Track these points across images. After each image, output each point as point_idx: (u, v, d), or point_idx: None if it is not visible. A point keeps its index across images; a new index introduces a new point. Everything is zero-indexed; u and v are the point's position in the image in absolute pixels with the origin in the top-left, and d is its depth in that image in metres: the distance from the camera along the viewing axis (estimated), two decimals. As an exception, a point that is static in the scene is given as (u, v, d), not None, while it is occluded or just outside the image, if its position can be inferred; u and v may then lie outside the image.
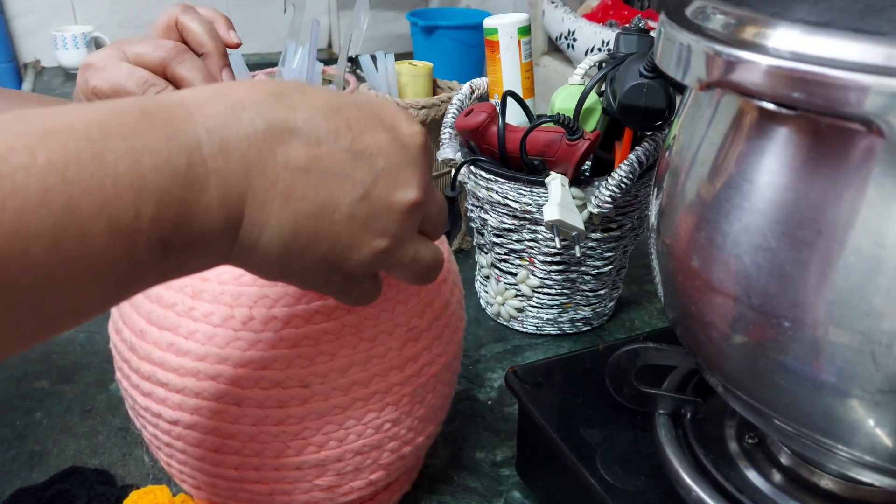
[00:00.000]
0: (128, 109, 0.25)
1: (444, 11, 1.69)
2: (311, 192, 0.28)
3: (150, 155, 0.24)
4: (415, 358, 0.41)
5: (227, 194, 0.26)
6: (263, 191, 0.27)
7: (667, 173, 0.36)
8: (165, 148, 0.25)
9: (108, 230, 0.23)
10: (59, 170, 0.22)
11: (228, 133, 0.26)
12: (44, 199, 0.22)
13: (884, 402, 0.28)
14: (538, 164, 0.60)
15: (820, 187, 0.27)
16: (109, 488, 0.49)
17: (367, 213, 0.29)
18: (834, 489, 0.38)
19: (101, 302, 0.26)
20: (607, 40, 1.15)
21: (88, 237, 0.23)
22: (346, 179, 0.29)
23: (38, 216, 0.21)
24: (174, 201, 0.25)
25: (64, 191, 0.22)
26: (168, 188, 0.25)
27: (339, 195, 0.29)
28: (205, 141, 0.26)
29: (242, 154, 0.27)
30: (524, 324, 0.69)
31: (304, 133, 0.28)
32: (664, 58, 0.32)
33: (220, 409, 0.38)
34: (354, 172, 0.29)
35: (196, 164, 0.25)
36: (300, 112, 0.28)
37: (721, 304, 0.32)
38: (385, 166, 0.30)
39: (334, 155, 0.28)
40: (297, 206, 0.28)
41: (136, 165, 0.24)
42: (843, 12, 0.26)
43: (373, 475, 0.42)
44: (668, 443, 0.41)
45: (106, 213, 0.23)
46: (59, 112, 0.24)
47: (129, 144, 0.24)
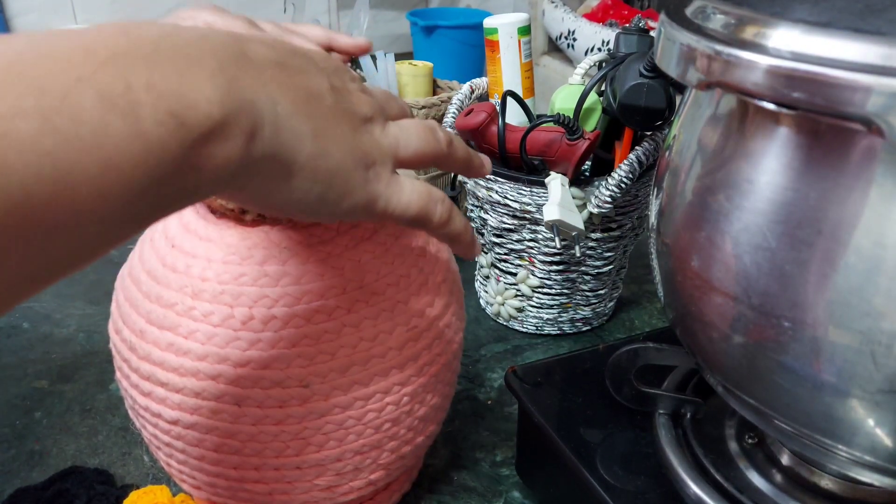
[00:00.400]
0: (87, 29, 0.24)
1: (444, 11, 1.69)
2: (294, 81, 0.28)
3: (121, 38, 0.23)
4: (415, 358, 0.41)
5: (227, 68, 0.25)
6: (259, 74, 0.27)
7: (667, 173, 0.36)
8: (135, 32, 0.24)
9: (99, 102, 0.21)
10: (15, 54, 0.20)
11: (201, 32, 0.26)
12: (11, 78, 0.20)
13: (884, 402, 0.28)
14: (538, 163, 0.60)
15: (820, 187, 0.27)
16: (109, 488, 0.49)
17: (339, 99, 0.30)
18: (834, 489, 0.38)
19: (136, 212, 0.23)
20: (607, 40, 1.15)
21: (79, 112, 0.20)
22: (310, 73, 0.29)
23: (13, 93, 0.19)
24: (169, 74, 0.23)
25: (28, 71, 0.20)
26: (155, 59, 0.23)
27: (314, 84, 0.29)
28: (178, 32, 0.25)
29: (224, 44, 0.26)
30: (524, 324, 0.69)
31: (259, 40, 0.28)
32: (664, 58, 0.32)
33: (220, 409, 0.38)
34: (309, 66, 0.29)
35: (179, 44, 0.24)
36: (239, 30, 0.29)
37: (721, 304, 0.32)
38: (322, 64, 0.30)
39: (288, 55, 0.29)
40: (296, 92, 0.28)
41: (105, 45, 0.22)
42: (843, 12, 0.26)
43: (372, 475, 0.42)
44: (668, 443, 0.41)
45: (89, 85, 0.21)
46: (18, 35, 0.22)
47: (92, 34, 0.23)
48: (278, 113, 0.27)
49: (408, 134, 0.32)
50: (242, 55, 0.26)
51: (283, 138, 0.27)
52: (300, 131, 0.28)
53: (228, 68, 0.25)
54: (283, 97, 0.27)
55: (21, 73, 0.20)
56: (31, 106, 0.20)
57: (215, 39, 0.26)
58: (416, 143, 0.33)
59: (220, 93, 0.24)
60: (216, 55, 0.25)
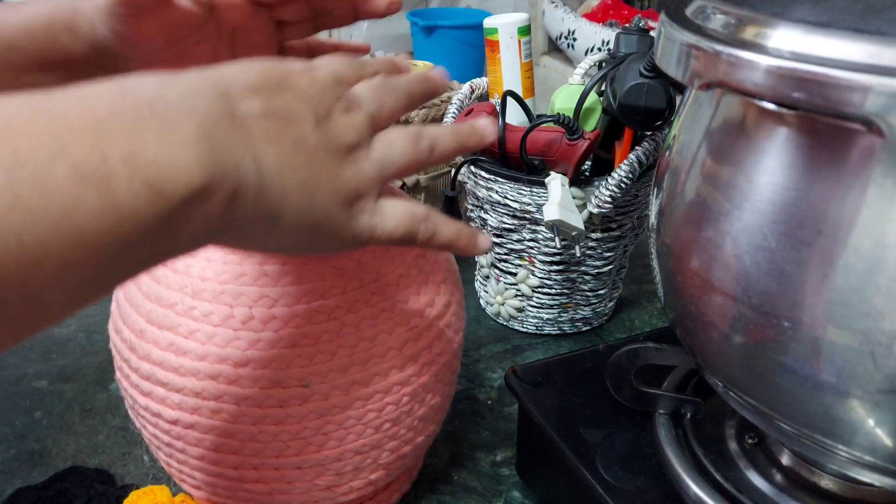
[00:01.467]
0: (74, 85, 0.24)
1: (444, 11, 1.69)
2: (280, 133, 0.28)
3: (105, 104, 0.23)
4: (415, 358, 0.41)
5: (211, 132, 0.25)
6: (245, 132, 0.27)
7: (667, 173, 0.36)
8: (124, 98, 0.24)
9: (72, 175, 0.21)
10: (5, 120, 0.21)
11: (182, 88, 0.26)
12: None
13: (884, 402, 0.28)
14: (538, 163, 0.60)
15: (820, 187, 0.27)
16: (109, 488, 0.49)
17: (324, 135, 0.30)
18: (834, 489, 0.38)
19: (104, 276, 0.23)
20: (607, 40, 1.15)
21: (51, 186, 0.21)
22: (296, 115, 0.29)
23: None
24: (148, 143, 0.23)
25: (7, 141, 0.20)
26: (135, 129, 0.23)
27: (300, 129, 0.29)
28: (163, 93, 0.25)
29: (206, 104, 0.26)
30: (524, 324, 0.69)
31: (243, 86, 0.28)
32: (664, 58, 0.32)
33: (220, 409, 0.38)
34: (296, 104, 0.30)
35: (161, 109, 0.24)
36: (228, 73, 0.28)
37: (721, 304, 0.32)
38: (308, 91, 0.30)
39: (274, 96, 0.29)
40: (282, 144, 0.28)
41: (89, 112, 0.23)
42: (843, 12, 0.26)
43: (372, 475, 0.42)
44: (668, 443, 0.41)
45: (65, 158, 0.21)
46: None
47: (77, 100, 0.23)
48: (262, 173, 0.27)
49: (392, 150, 0.33)
50: (230, 114, 0.27)
51: (267, 197, 0.28)
52: (284, 188, 0.28)
53: (215, 131, 0.26)
54: (268, 152, 0.28)
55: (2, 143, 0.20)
56: (3, 181, 0.20)
57: (205, 96, 0.26)
58: (401, 159, 0.33)
59: (201, 161, 0.24)
60: (203, 118, 0.25)
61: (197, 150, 0.24)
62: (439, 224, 0.34)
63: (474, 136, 0.36)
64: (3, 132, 0.21)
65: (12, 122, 0.21)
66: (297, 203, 0.29)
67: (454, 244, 0.35)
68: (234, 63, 0.29)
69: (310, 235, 0.30)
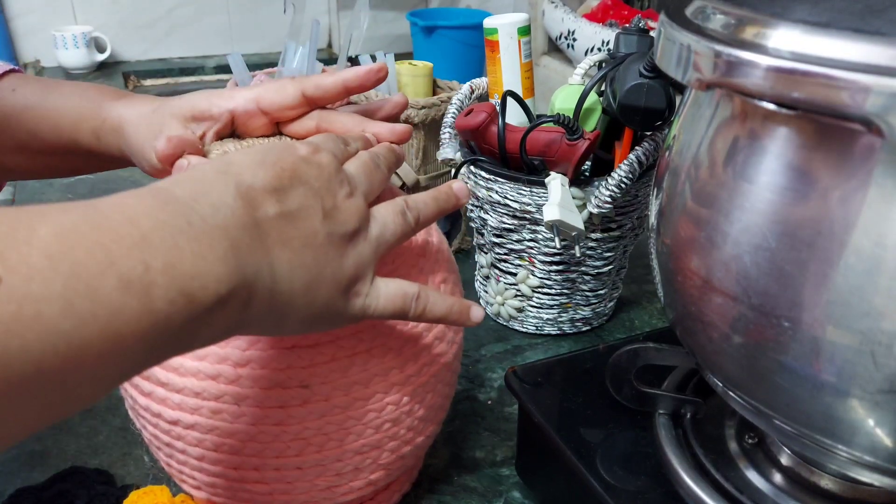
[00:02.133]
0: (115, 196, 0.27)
1: (444, 11, 1.69)
2: (293, 232, 0.31)
3: (147, 218, 0.26)
4: (415, 358, 0.41)
5: (237, 245, 0.28)
6: (263, 240, 0.30)
7: (667, 173, 0.36)
8: (163, 211, 0.27)
9: (119, 285, 0.24)
10: (59, 237, 0.23)
11: (211, 199, 0.29)
12: (49, 264, 0.22)
13: (884, 402, 0.28)
14: (538, 164, 0.60)
15: (820, 187, 0.27)
16: (109, 488, 0.49)
17: (329, 226, 0.33)
18: (834, 489, 0.38)
19: (128, 368, 0.26)
20: (607, 40, 1.15)
21: (100, 295, 0.23)
22: (307, 209, 0.32)
23: (45, 279, 0.22)
24: (186, 256, 0.26)
25: (67, 254, 0.23)
26: (175, 243, 0.26)
27: (310, 224, 0.32)
28: (195, 208, 0.28)
29: (232, 214, 0.29)
30: (524, 324, 0.69)
31: (261, 187, 0.31)
32: (664, 58, 0.32)
33: (220, 409, 0.38)
34: (307, 200, 0.32)
35: (196, 223, 0.27)
36: (247, 173, 0.31)
37: (721, 304, 0.32)
38: (316, 182, 0.33)
39: (288, 194, 0.32)
40: (292, 246, 0.31)
41: (135, 227, 0.25)
42: (843, 12, 0.26)
43: (372, 475, 0.42)
44: (668, 443, 0.41)
45: (114, 270, 0.24)
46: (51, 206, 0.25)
47: (123, 213, 0.26)
48: (276, 277, 0.30)
49: (386, 230, 0.36)
50: (252, 223, 0.30)
51: (277, 299, 0.31)
52: (293, 288, 0.31)
53: (240, 243, 0.29)
54: (281, 257, 0.31)
55: (61, 254, 0.23)
56: (59, 291, 0.22)
57: (231, 206, 0.29)
58: (394, 237, 0.36)
59: (228, 272, 0.28)
60: (231, 231, 0.29)
61: (226, 263, 0.28)
62: (430, 302, 0.37)
63: (451, 199, 0.40)
64: (65, 245, 0.23)
65: (70, 237, 0.24)
66: (303, 300, 0.32)
67: (445, 319, 0.38)
68: (245, 154, 0.32)
69: (311, 324, 0.33)
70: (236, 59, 0.62)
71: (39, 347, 0.22)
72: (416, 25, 1.50)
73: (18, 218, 0.23)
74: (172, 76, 1.65)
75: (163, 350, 0.27)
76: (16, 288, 0.21)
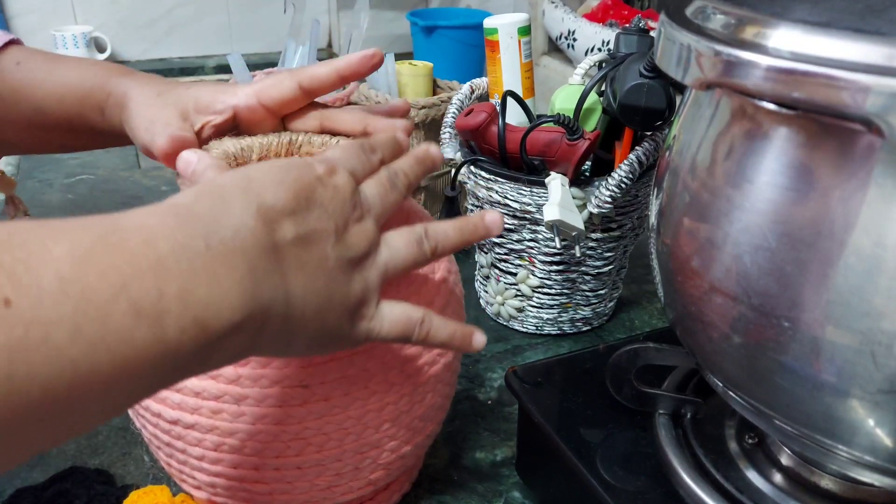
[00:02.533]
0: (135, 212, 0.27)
1: (444, 11, 1.69)
2: (307, 256, 0.31)
3: (165, 240, 0.25)
4: (415, 358, 0.41)
5: (255, 269, 0.28)
6: (281, 264, 0.29)
7: (667, 173, 0.36)
8: (182, 232, 0.26)
9: (131, 311, 0.23)
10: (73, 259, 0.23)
11: (235, 222, 0.28)
12: (60, 286, 0.22)
13: (884, 402, 0.28)
14: (538, 164, 0.60)
15: (820, 187, 0.27)
16: (109, 488, 0.49)
17: (340, 249, 0.32)
18: (834, 489, 0.38)
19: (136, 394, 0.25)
20: (607, 40, 1.15)
21: (111, 320, 0.23)
22: (321, 233, 0.31)
23: (55, 301, 0.22)
24: (202, 281, 0.25)
25: (79, 277, 0.22)
26: (192, 267, 0.25)
27: (322, 248, 0.31)
28: (215, 229, 0.27)
29: (252, 236, 0.28)
30: (524, 324, 0.69)
31: (280, 209, 0.30)
32: (664, 58, 0.32)
33: (220, 409, 0.38)
34: (322, 223, 0.32)
35: (215, 245, 0.27)
36: (268, 194, 0.30)
37: (721, 304, 0.32)
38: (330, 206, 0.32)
39: (305, 217, 0.31)
40: (307, 271, 0.30)
41: (152, 249, 0.25)
42: (843, 12, 0.26)
43: (372, 475, 0.42)
44: (668, 443, 0.41)
45: (126, 295, 0.23)
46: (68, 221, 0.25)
47: (141, 233, 0.25)
48: (290, 303, 0.30)
49: (396, 256, 0.35)
50: (271, 246, 0.29)
51: (289, 324, 0.30)
52: (305, 313, 0.31)
53: (258, 268, 0.28)
54: (296, 282, 0.30)
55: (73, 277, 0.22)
56: (68, 315, 0.22)
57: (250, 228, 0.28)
58: (404, 264, 0.35)
59: (244, 299, 0.27)
60: (249, 254, 0.28)
61: (242, 290, 0.27)
62: (434, 328, 0.36)
63: (478, 232, 0.38)
64: (78, 267, 0.23)
65: (85, 258, 0.23)
66: (314, 324, 0.31)
67: (449, 344, 0.37)
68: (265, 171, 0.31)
69: (319, 346, 0.33)
70: (236, 58, 0.62)
71: (46, 372, 0.21)
72: (416, 25, 1.50)
73: (36, 235, 0.23)
74: (172, 76, 1.65)
75: (172, 375, 0.26)
76: (24, 311, 0.21)
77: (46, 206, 0.92)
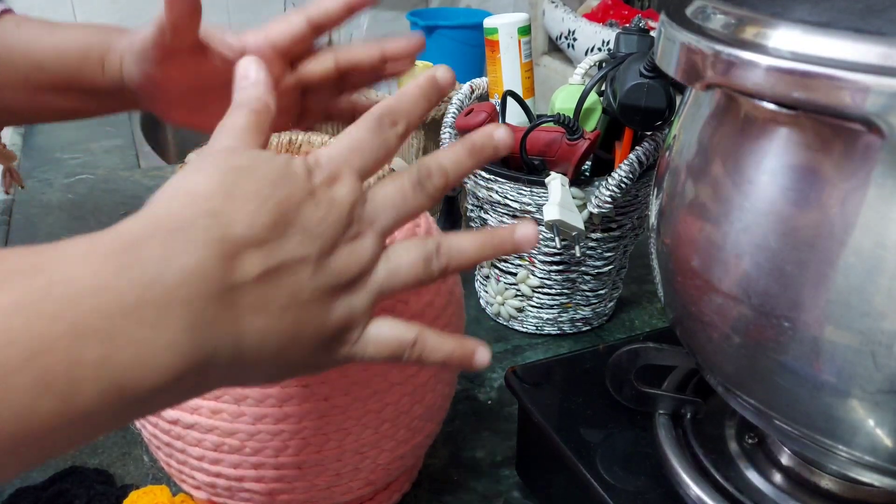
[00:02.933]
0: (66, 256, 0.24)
1: (444, 11, 1.69)
2: (274, 293, 0.27)
3: (91, 297, 0.23)
4: (415, 358, 0.41)
5: (197, 323, 0.25)
6: (234, 309, 0.26)
7: (667, 173, 0.36)
8: (117, 280, 0.23)
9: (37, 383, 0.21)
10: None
11: (186, 263, 0.25)
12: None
13: (884, 402, 0.28)
14: (538, 164, 0.60)
15: (820, 187, 0.27)
16: (109, 488, 0.49)
17: (326, 275, 0.29)
18: (834, 489, 0.37)
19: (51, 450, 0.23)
20: (607, 40, 1.15)
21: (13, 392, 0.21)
22: (298, 263, 0.28)
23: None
24: (126, 344, 0.23)
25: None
26: (116, 329, 0.23)
27: (296, 280, 0.28)
28: (159, 275, 0.24)
29: (205, 281, 0.25)
30: (524, 324, 0.68)
31: (251, 239, 0.27)
32: (664, 58, 0.32)
33: (220, 409, 0.38)
34: (301, 249, 0.28)
35: (151, 297, 0.24)
36: (239, 222, 0.27)
37: (721, 304, 0.32)
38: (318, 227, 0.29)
39: (281, 245, 0.28)
40: (270, 310, 0.27)
41: (72, 309, 0.22)
42: (843, 12, 0.26)
43: (372, 475, 0.42)
44: (668, 443, 0.41)
45: (35, 364, 0.21)
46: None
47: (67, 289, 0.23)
48: (240, 349, 0.27)
49: (396, 275, 0.31)
50: (226, 290, 0.26)
51: (238, 367, 0.27)
52: (261, 356, 0.28)
53: (202, 317, 0.25)
54: (252, 325, 0.27)
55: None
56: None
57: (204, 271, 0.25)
58: (403, 284, 0.31)
59: (176, 357, 0.24)
60: (195, 304, 0.25)
61: (175, 348, 0.24)
62: (428, 348, 0.32)
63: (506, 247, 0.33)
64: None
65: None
66: (272, 362, 0.29)
67: (447, 363, 0.33)
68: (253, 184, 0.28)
69: (281, 377, 0.31)
70: (236, 58, 0.62)
71: None
72: (417, 25, 1.50)
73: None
74: (172, 76, 1.65)
75: (93, 432, 0.25)
76: None
77: (46, 205, 0.92)
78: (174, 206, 0.27)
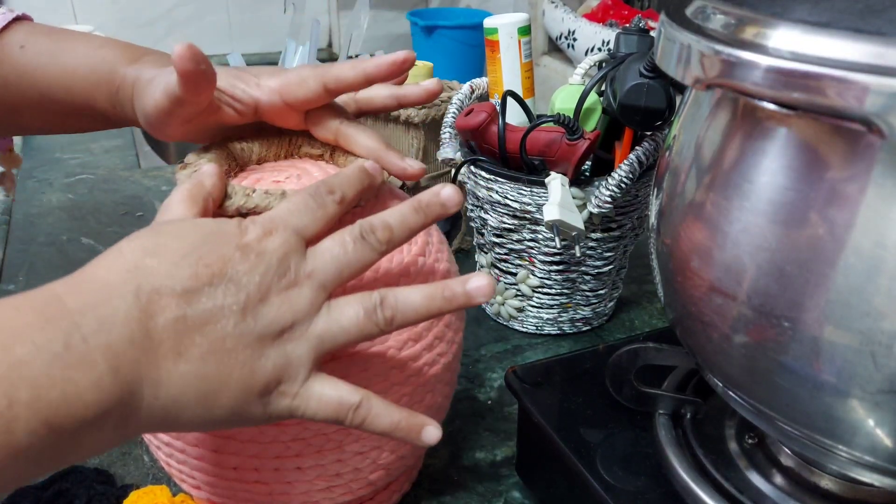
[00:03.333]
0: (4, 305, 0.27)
1: (444, 11, 1.69)
2: (195, 339, 0.29)
3: (23, 345, 0.26)
4: (415, 358, 0.41)
5: (118, 365, 0.27)
6: (153, 353, 0.29)
7: (667, 173, 0.36)
8: (42, 332, 0.26)
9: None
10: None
11: (103, 312, 0.28)
12: None
13: (884, 402, 0.28)
14: (538, 164, 0.60)
15: (820, 187, 0.27)
16: (109, 488, 0.49)
17: (255, 322, 0.30)
18: (834, 489, 0.38)
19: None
20: (607, 40, 1.15)
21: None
22: (220, 311, 0.30)
23: None
24: (55, 384, 0.26)
25: None
26: (46, 372, 0.26)
27: (220, 328, 0.30)
28: (81, 325, 0.27)
29: (123, 327, 0.28)
30: (524, 324, 0.69)
31: (170, 289, 0.29)
32: (664, 58, 0.32)
33: (220, 409, 0.38)
34: (225, 298, 0.30)
35: (75, 344, 0.27)
36: (157, 274, 0.29)
37: (721, 304, 0.32)
38: (246, 277, 0.30)
39: (203, 293, 0.30)
40: (190, 355, 0.29)
41: (7, 354, 0.25)
42: (843, 12, 0.26)
43: (372, 475, 0.42)
44: (668, 443, 0.41)
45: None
46: None
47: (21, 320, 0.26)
48: (160, 393, 0.29)
49: (335, 325, 0.32)
50: (144, 336, 0.28)
51: (161, 412, 0.29)
52: (184, 401, 0.30)
53: (122, 361, 0.28)
54: (173, 371, 0.29)
55: None
56: None
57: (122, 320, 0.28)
58: (345, 337, 0.32)
59: (100, 395, 0.27)
60: (114, 348, 0.27)
61: (99, 388, 0.27)
62: (371, 415, 0.33)
63: (458, 300, 0.34)
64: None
65: None
66: (197, 409, 0.30)
67: (391, 434, 0.34)
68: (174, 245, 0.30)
69: (214, 426, 0.32)
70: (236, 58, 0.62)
71: None
72: (416, 25, 1.50)
73: None
74: (172, 76, 1.65)
75: (34, 470, 0.26)
76: None
77: (46, 206, 0.92)
78: (101, 266, 0.30)
